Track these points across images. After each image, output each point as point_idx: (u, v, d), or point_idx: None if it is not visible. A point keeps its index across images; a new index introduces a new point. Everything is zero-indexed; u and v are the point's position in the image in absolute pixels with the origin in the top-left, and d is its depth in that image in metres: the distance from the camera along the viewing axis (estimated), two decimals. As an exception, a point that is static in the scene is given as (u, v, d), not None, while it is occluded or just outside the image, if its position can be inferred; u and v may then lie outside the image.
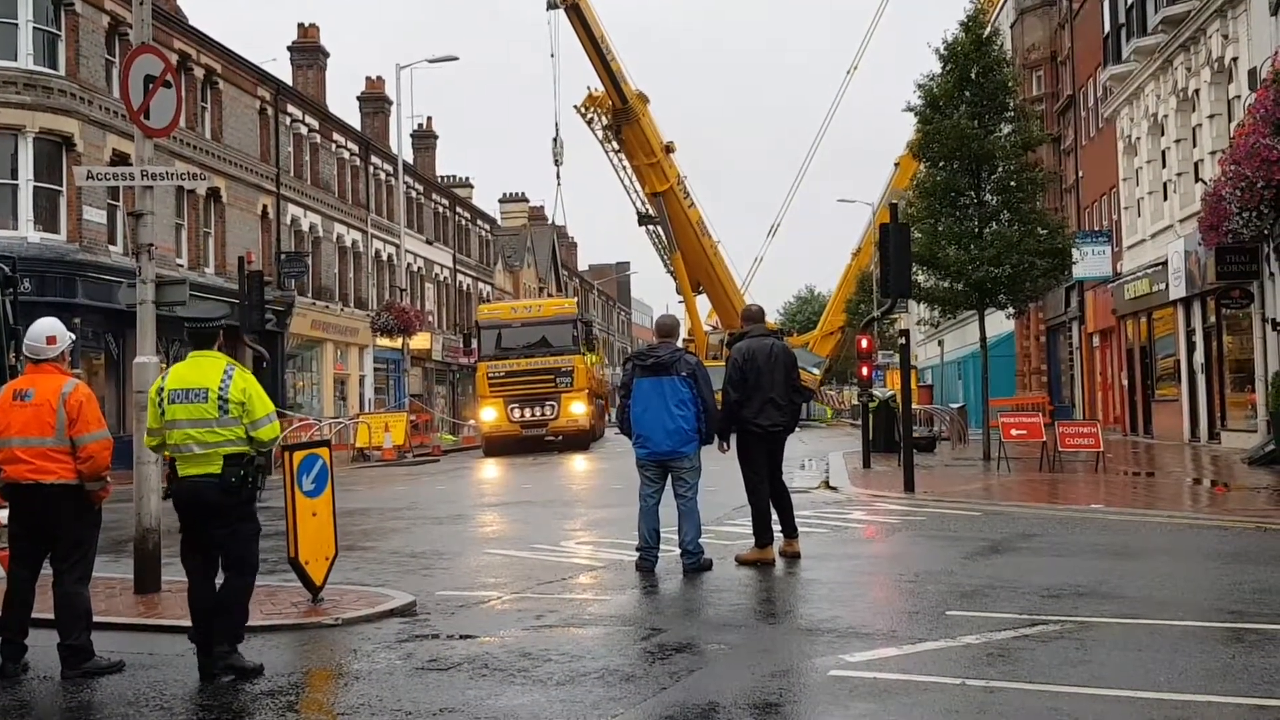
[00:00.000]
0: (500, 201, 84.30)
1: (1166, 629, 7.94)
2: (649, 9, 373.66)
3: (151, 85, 10.57)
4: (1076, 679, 6.56)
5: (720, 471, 14.24)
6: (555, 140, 55.19)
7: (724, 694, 6.65)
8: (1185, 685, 6.43)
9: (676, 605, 9.57)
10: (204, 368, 7.51)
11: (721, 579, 10.46)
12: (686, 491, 10.97)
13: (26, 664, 7.66)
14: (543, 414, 35.99)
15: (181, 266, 32.75)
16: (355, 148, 48.32)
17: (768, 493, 11.52)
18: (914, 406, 21.61)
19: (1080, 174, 40.00)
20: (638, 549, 11.00)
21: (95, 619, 7.84)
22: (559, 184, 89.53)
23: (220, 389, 7.38)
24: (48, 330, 7.91)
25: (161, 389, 7.54)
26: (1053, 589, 9.43)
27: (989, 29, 28.84)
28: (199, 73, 34.91)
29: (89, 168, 13.74)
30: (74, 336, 8.30)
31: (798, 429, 53.06)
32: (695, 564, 10.77)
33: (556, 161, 55.47)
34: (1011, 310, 30.10)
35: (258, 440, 7.50)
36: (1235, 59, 24.22)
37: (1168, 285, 28.76)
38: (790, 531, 11.65)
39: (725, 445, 11.53)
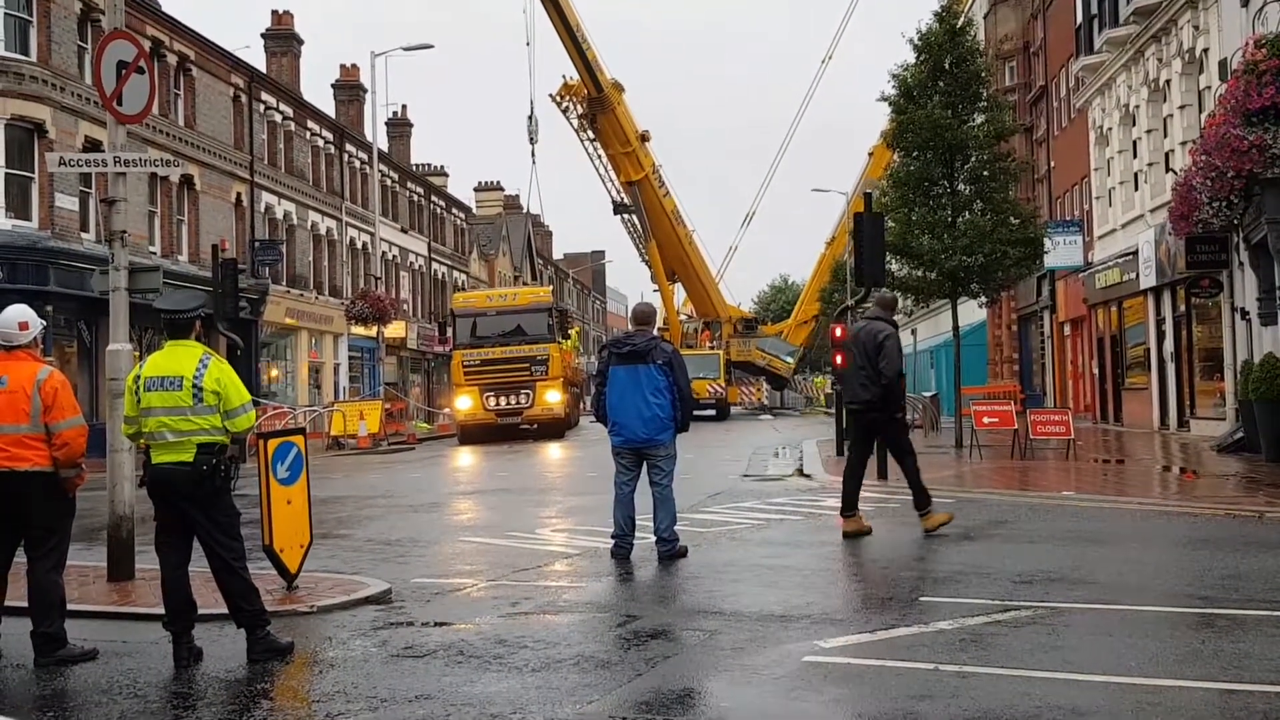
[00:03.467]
0: (475, 190, 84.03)
1: (1138, 614, 8.02)
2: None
3: (124, 71, 10.51)
4: (1049, 664, 6.63)
5: (695, 459, 14.29)
6: (530, 118, 55.04)
7: (699, 680, 6.70)
8: (1156, 670, 6.50)
9: (651, 592, 9.61)
10: (180, 356, 7.49)
11: (696, 566, 10.50)
12: (662, 479, 10.99)
13: (0, 652, 7.64)
14: (518, 402, 35.95)
15: (154, 254, 32.57)
16: (330, 135, 48.11)
17: (857, 467, 12.33)
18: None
19: (1052, 164, 40.20)
20: (613, 536, 11.03)
21: (69, 607, 7.82)
22: (534, 162, 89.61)
23: (195, 378, 7.37)
24: (19, 316, 7.87)
25: (138, 377, 7.52)
26: (1025, 575, 9.50)
27: (962, 19, 28.93)
28: (172, 59, 34.69)
29: (61, 154, 13.64)
30: (44, 323, 8.26)
31: (772, 416, 52.67)
32: (670, 551, 10.79)
33: (532, 140, 55.33)
34: (984, 299, 30.25)
35: (232, 430, 7.52)
36: (1206, 50, 24.36)
37: (1138, 274, 28.95)
38: (919, 507, 12.25)
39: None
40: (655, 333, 11.50)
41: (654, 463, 11.01)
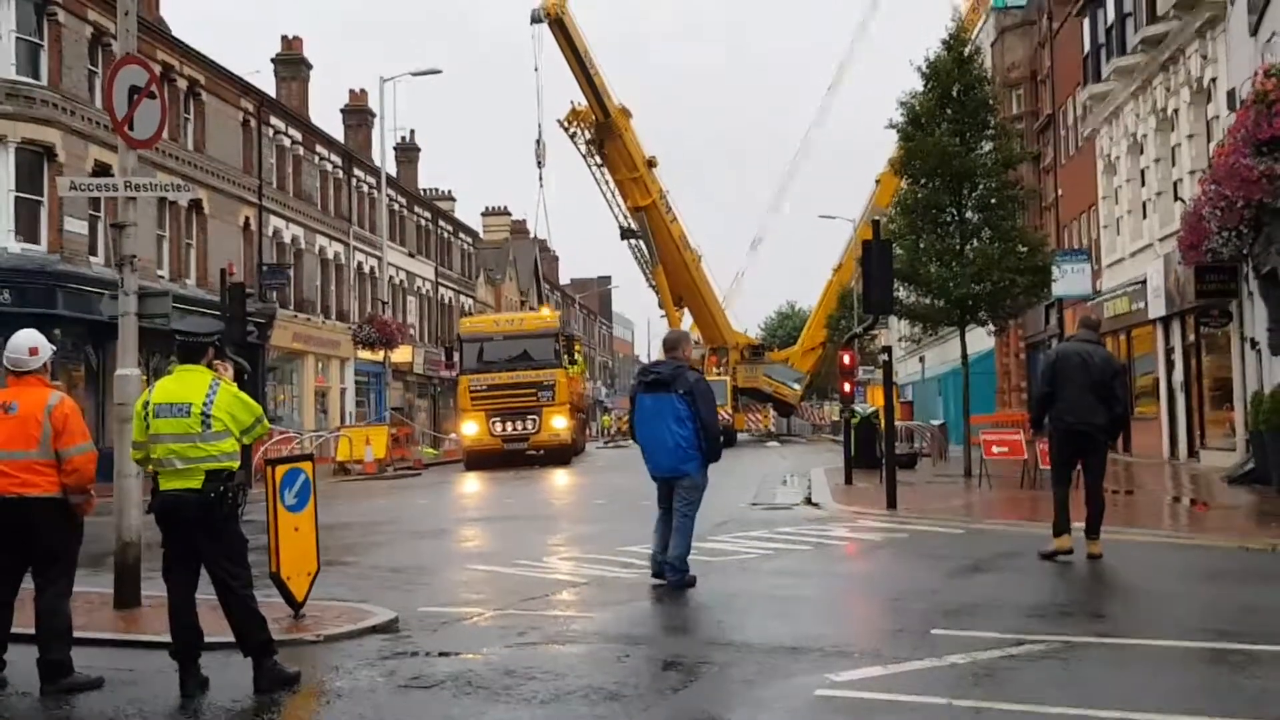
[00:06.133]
0: (482, 215, 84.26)
1: (1151, 649, 7.95)
2: (629, 23, 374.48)
3: (136, 96, 10.52)
4: (1064, 699, 6.55)
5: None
6: (538, 142, 55.27)
7: (709, 713, 6.64)
8: (1172, 705, 6.43)
9: (660, 623, 9.55)
10: (189, 382, 7.46)
11: (705, 596, 10.43)
12: (683, 508, 10.94)
13: (5, 679, 7.60)
14: (524, 428, 35.92)
15: (163, 278, 32.60)
16: (338, 160, 48.25)
17: (1066, 487, 12.33)
18: (895, 423, 21.60)
19: (1060, 192, 40.19)
20: (652, 557, 11.07)
21: (75, 634, 7.76)
22: (541, 185, 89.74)
23: (204, 405, 7.34)
24: (29, 342, 7.84)
25: (147, 402, 7.49)
26: (1037, 608, 9.44)
27: (970, 47, 28.98)
28: (182, 84, 34.81)
29: (72, 178, 13.66)
30: (54, 348, 8.23)
31: (779, 444, 52.64)
32: (679, 581, 10.73)
33: (539, 163, 55.56)
34: (992, 327, 30.20)
35: (248, 440, 7.65)
36: (1214, 79, 24.37)
37: (1147, 304, 28.89)
38: (1092, 533, 12.13)
39: (1038, 434, 12.91)
40: (684, 360, 11.41)
41: (678, 491, 10.98)
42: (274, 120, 41.90)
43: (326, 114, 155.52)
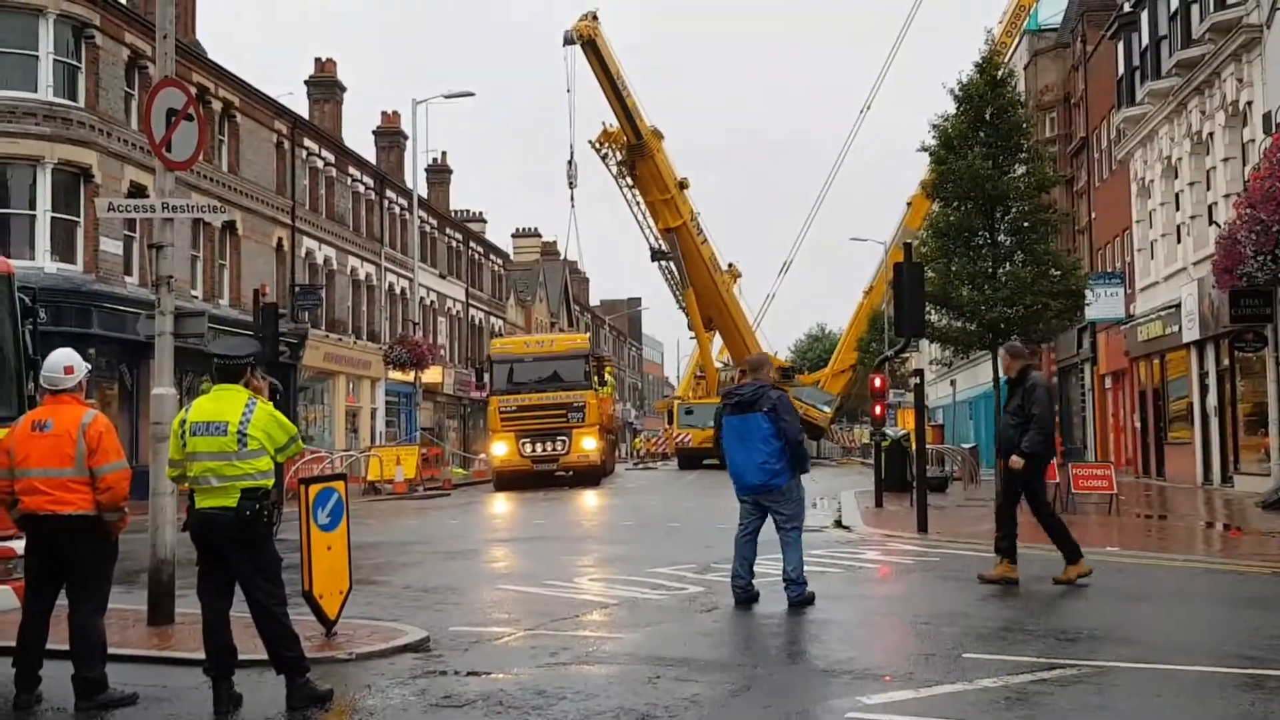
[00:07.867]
0: (513, 236, 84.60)
1: (1184, 674, 7.89)
2: (660, 42, 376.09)
3: (174, 118, 10.64)
4: (1096, 725, 6.51)
5: (732, 508, 14.10)
6: (570, 163, 55.51)
7: (740, 735, 6.62)
8: (1206, 732, 6.38)
9: (691, 644, 9.51)
10: (226, 401, 7.53)
11: (736, 619, 10.42)
12: (786, 524, 11.05)
13: (40, 695, 7.65)
14: (554, 449, 35.97)
15: (197, 298, 32.85)
16: (370, 181, 48.55)
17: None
18: (926, 446, 21.51)
19: (1093, 215, 40.03)
20: (733, 584, 11.09)
21: (109, 650, 7.82)
22: (573, 206, 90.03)
23: (241, 423, 7.40)
24: (65, 360, 7.94)
25: (184, 421, 7.56)
26: (1069, 632, 9.38)
27: (1003, 70, 28.96)
28: (217, 105, 35.12)
29: (110, 199, 13.86)
30: (88, 366, 8.31)
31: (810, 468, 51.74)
32: (799, 595, 10.79)
33: (571, 184, 55.78)
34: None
35: (281, 459, 7.69)
36: (1250, 103, 24.27)
37: (1181, 327, 28.72)
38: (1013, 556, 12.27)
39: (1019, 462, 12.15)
40: (764, 380, 11.46)
41: (775, 509, 11.08)
42: (307, 142, 42.23)
43: (360, 136, 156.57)
